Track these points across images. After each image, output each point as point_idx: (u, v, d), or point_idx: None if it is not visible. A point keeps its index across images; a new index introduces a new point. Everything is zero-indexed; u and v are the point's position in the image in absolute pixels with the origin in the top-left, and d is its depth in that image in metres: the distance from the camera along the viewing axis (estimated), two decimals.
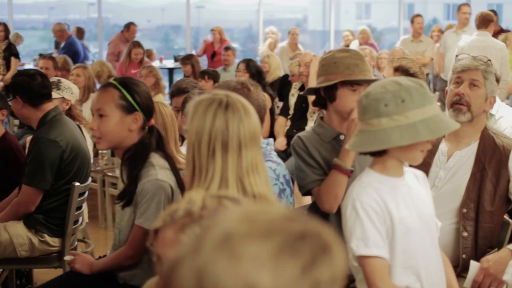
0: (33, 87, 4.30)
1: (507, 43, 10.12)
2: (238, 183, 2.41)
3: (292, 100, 7.13)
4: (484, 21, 8.74)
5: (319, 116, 3.41)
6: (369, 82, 2.98)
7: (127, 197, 3.16)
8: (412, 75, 4.65)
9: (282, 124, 7.17)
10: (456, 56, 3.53)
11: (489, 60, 3.41)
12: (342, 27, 19.55)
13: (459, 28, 10.22)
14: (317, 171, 3.23)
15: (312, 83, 6.86)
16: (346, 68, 3.18)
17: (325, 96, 3.29)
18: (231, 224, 1.12)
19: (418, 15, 11.11)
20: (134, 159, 3.18)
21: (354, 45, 12.12)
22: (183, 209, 1.72)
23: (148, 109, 3.24)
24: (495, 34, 11.03)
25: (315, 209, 3.30)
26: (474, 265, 3.07)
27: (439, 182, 3.39)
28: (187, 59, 9.51)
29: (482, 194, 3.26)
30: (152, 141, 3.22)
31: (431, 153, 3.42)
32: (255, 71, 7.58)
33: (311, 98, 6.73)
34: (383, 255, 2.50)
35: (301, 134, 3.36)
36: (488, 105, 3.42)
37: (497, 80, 3.45)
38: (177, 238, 1.67)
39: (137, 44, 10.10)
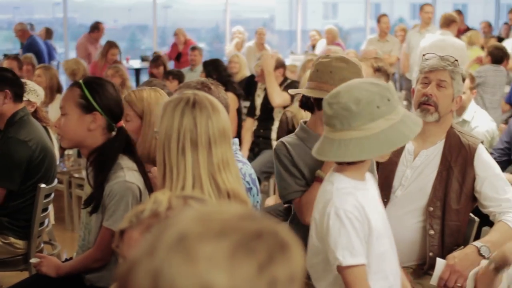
0: (20, 82, 4.33)
1: (471, 41, 10.27)
2: (211, 180, 2.40)
3: (258, 100, 7.13)
4: (447, 21, 8.97)
5: (303, 121, 3.37)
6: None
7: (94, 202, 3.14)
8: (388, 76, 4.72)
9: (249, 128, 7.16)
10: (423, 55, 3.54)
11: (456, 60, 3.43)
12: (309, 26, 19.59)
13: (422, 27, 10.29)
14: (300, 182, 3.17)
15: (270, 80, 6.88)
16: (340, 81, 2.93)
17: (314, 102, 3.24)
18: (185, 224, 1.12)
19: (384, 15, 11.17)
20: (100, 161, 3.16)
21: (321, 45, 12.17)
22: (149, 209, 1.72)
23: (111, 111, 3.22)
24: (460, 33, 11.17)
25: (295, 222, 3.26)
26: (440, 263, 3.10)
27: (406, 181, 3.41)
28: (158, 60, 9.47)
29: (448, 192, 3.29)
30: (118, 144, 3.20)
31: (398, 152, 3.44)
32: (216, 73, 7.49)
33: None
34: (365, 262, 2.49)
35: (284, 139, 3.27)
36: (455, 104, 3.45)
37: (463, 80, 3.49)
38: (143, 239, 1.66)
39: (114, 45, 10.04)
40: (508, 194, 3.39)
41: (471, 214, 3.48)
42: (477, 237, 3.40)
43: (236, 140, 3.26)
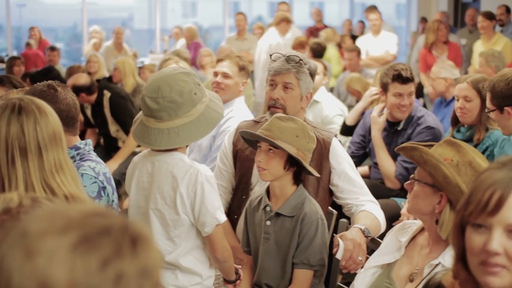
0: None
1: (328, 39, 10.57)
2: (44, 186, 2.36)
3: (88, 112, 6.95)
4: (277, 20, 9.73)
5: None
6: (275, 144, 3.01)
7: None
8: (249, 74, 4.76)
9: (89, 137, 7.04)
10: (270, 56, 3.57)
11: (301, 60, 3.48)
12: (168, 25, 19.51)
13: None
14: None
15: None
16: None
17: None
18: (30, 222, 1.13)
19: (241, 13, 11.25)
20: None
21: (181, 44, 12.13)
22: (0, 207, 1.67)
23: None
24: (318, 31, 11.48)
25: None
26: (339, 240, 3.09)
27: None
28: (17, 59, 9.14)
29: (306, 186, 3.34)
30: None
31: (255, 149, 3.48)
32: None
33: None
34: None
35: None
36: (305, 102, 3.52)
37: (312, 75, 3.54)
38: None
39: None
40: (364, 187, 3.49)
41: (330, 207, 3.56)
42: (335, 229, 3.48)
43: (89, 140, 3.23)
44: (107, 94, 6.56)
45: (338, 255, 3.01)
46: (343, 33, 12.08)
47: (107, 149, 6.77)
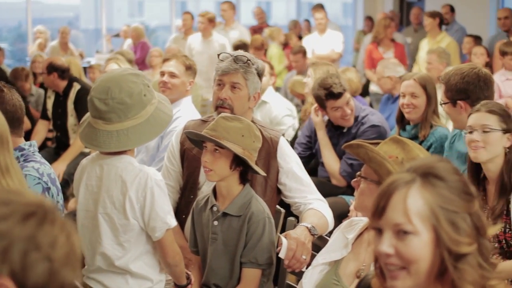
0: None
1: (272, 38, 10.62)
2: None
3: (50, 102, 6.85)
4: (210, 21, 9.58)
5: None
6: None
7: None
8: (195, 73, 4.75)
9: (40, 130, 6.90)
10: (218, 55, 3.56)
11: (249, 60, 3.47)
12: (115, 25, 19.33)
13: (226, 25, 10.49)
14: None
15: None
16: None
17: None
18: None
19: (188, 13, 11.20)
20: None
21: (127, 44, 12.03)
22: None
23: None
24: (261, 30, 11.50)
25: None
26: (283, 239, 3.10)
27: None
28: None
29: (254, 185, 3.34)
30: None
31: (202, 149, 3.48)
32: None
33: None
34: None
35: None
36: (253, 102, 3.52)
37: (260, 75, 3.54)
38: None
39: None
40: (312, 185, 3.51)
41: (278, 206, 3.57)
42: (283, 227, 3.49)
43: (34, 141, 3.17)
44: (76, 86, 6.49)
45: (281, 254, 3.03)
46: (289, 33, 12.10)
47: (56, 148, 6.70)
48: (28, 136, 4.94)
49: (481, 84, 3.86)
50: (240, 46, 8.48)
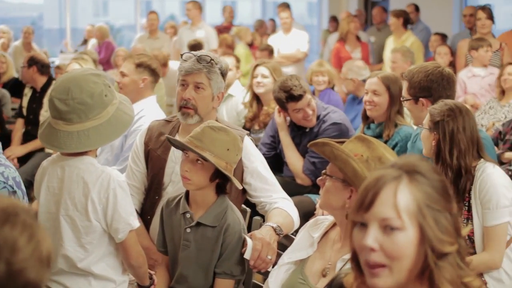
0: None
1: (238, 37, 10.61)
2: None
3: (25, 100, 6.83)
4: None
5: None
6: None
7: None
8: (153, 70, 4.72)
9: (19, 128, 6.87)
10: (181, 55, 3.53)
11: (213, 60, 3.44)
12: (79, 24, 19.18)
13: (192, 24, 10.48)
14: None
15: (39, 83, 6.77)
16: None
17: None
18: None
19: (153, 12, 11.16)
20: None
21: (92, 44, 11.94)
22: None
23: None
24: (228, 29, 11.48)
25: None
26: (248, 239, 3.08)
27: (175, 177, 3.41)
28: None
29: None
30: None
31: (166, 149, 3.46)
32: None
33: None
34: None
35: None
36: (216, 102, 3.50)
37: (224, 75, 3.51)
38: None
39: None
40: (277, 184, 3.50)
41: (243, 205, 3.56)
42: (249, 226, 3.48)
43: None
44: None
45: (247, 255, 3.01)
46: (255, 32, 12.10)
47: (25, 141, 6.65)
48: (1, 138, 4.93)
49: (444, 83, 3.89)
50: (196, 46, 8.46)
